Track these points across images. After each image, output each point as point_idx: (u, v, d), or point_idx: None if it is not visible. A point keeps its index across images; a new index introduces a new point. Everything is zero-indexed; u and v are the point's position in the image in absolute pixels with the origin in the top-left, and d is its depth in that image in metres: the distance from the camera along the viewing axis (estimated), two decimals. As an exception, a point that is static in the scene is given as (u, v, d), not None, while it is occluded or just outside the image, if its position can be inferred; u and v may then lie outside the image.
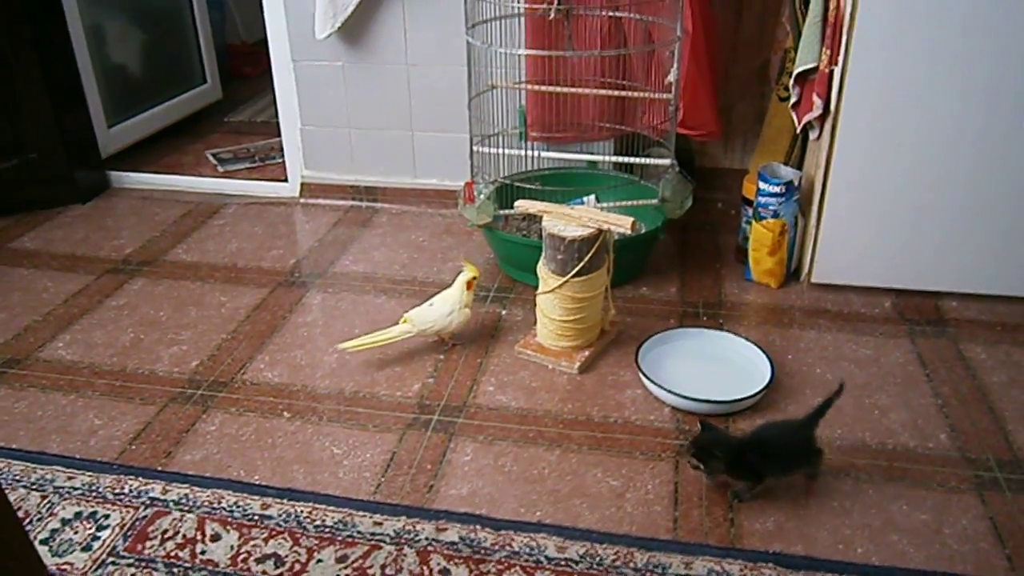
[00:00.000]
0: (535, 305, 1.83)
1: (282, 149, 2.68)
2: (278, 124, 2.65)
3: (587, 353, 1.78)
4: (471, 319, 1.86)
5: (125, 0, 3.00)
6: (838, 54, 1.83)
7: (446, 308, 1.81)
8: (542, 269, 1.76)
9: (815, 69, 1.91)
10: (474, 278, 1.82)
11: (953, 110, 1.80)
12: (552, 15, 2.00)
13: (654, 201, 2.04)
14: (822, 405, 1.45)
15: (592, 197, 2.21)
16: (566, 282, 1.70)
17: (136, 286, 2.16)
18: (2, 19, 2.38)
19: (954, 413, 1.64)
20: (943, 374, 1.75)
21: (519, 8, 2.03)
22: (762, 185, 1.98)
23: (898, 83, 1.80)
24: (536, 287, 1.81)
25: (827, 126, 1.92)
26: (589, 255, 1.68)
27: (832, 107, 1.88)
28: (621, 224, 1.65)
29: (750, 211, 2.07)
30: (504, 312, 1.99)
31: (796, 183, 1.99)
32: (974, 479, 1.47)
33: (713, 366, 1.76)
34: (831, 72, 1.86)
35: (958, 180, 1.87)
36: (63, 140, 2.60)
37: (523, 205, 1.79)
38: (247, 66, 4.02)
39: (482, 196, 1.99)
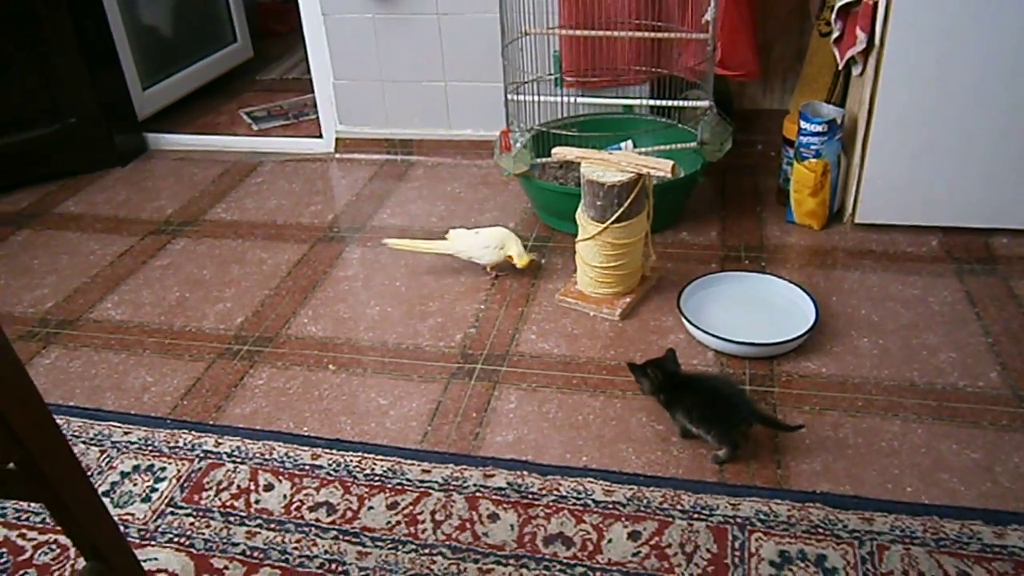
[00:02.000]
0: (574, 253, 1.82)
1: (315, 105, 2.68)
2: (310, 80, 2.65)
3: (628, 299, 1.77)
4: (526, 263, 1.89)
5: (154, -39, 2.99)
6: (882, -15, 1.77)
7: (486, 242, 1.87)
8: (581, 216, 1.75)
9: (858, 1, 1.85)
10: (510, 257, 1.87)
11: (1002, 40, 1.74)
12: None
13: (692, 144, 2.00)
14: (771, 420, 1.42)
15: (629, 142, 2.18)
16: (606, 228, 1.69)
17: (179, 246, 2.19)
18: (35, -15, 2.39)
19: (1005, 351, 1.61)
20: (993, 312, 1.72)
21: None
22: (803, 124, 1.94)
23: (945, 13, 1.74)
24: (575, 235, 1.80)
25: (871, 61, 1.86)
26: (629, 200, 1.66)
27: (876, 41, 1.82)
28: (661, 168, 1.63)
29: (791, 152, 2.03)
30: (543, 261, 1.99)
31: (839, 121, 1.94)
32: (1026, 416, 1.45)
33: (756, 309, 1.75)
34: (875, 3, 1.80)
35: (1006, 113, 1.81)
36: (100, 104, 2.62)
37: (560, 152, 1.78)
38: (276, 23, 4.00)
39: (518, 145, 1.97)
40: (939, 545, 1.22)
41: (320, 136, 2.69)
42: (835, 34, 1.95)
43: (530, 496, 1.35)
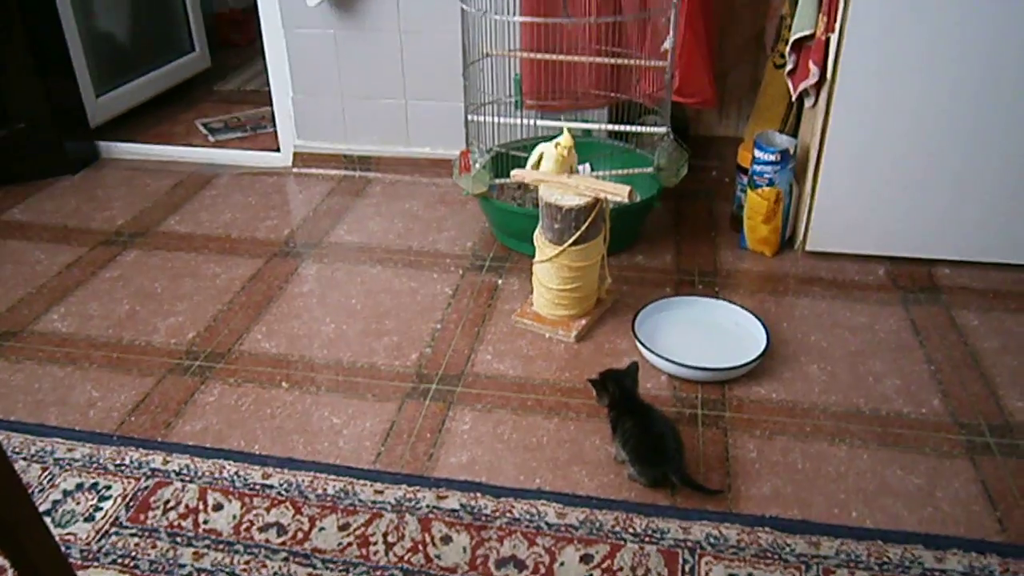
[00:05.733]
0: (531, 274, 1.83)
1: (273, 118, 2.66)
2: (269, 93, 2.63)
3: (584, 322, 1.79)
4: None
5: (111, -34, 2.95)
6: (835, 21, 1.82)
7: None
8: (539, 238, 1.76)
9: (811, 36, 1.90)
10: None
11: (949, 78, 1.80)
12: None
13: (649, 169, 2.03)
14: (693, 484, 1.39)
15: (587, 165, 2.20)
16: (563, 251, 1.71)
17: (129, 257, 2.15)
18: (-14, -13, 2.34)
19: (947, 379, 1.66)
20: (936, 341, 1.77)
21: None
22: (757, 153, 1.98)
23: (895, 50, 1.80)
24: (532, 255, 1.81)
25: (823, 94, 1.91)
26: (586, 224, 1.68)
27: (828, 74, 1.87)
28: (618, 193, 1.65)
29: (745, 179, 2.07)
30: (500, 281, 2.00)
31: (791, 151, 1.99)
32: (966, 444, 1.49)
33: (709, 334, 1.77)
34: (828, 39, 1.85)
35: (952, 148, 1.87)
36: (51, 110, 2.57)
37: (519, 174, 1.79)
38: (235, 34, 3.97)
39: (477, 165, 1.98)
40: (883, 569, 1.25)
41: (278, 150, 2.67)
42: (789, 66, 2.00)
43: (483, 518, 1.35)
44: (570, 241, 1.69)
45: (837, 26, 1.81)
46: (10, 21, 2.40)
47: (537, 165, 1.78)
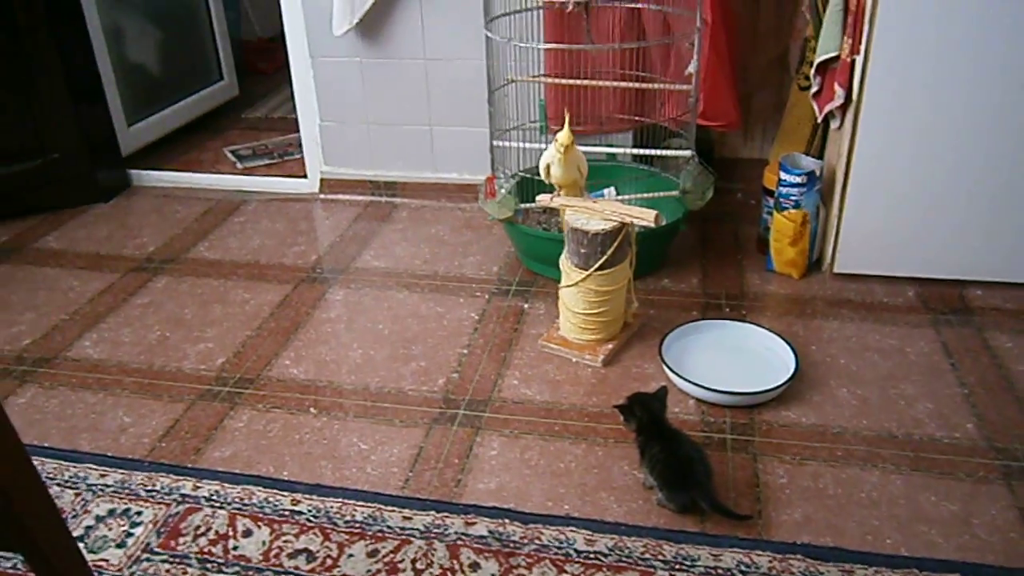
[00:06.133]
0: (557, 298, 1.83)
1: (300, 145, 2.69)
2: (296, 120, 2.66)
3: (610, 346, 1.79)
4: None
5: (143, 1, 3.01)
6: (860, 43, 1.82)
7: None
8: (565, 263, 1.77)
9: (836, 58, 1.90)
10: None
11: (976, 98, 1.79)
12: (571, 8, 1.99)
13: (675, 193, 2.03)
14: (723, 509, 1.37)
15: (611, 189, 2.21)
16: (589, 276, 1.71)
17: (160, 284, 2.18)
18: (24, 21, 2.40)
19: (980, 402, 1.63)
20: (968, 363, 1.75)
21: (538, 1, 2.02)
22: (783, 175, 1.98)
23: (921, 71, 1.79)
24: (558, 280, 1.82)
25: (849, 115, 1.91)
26: (612, 249, 1.68)
27: (854, 96, 1.86)
28: (644, 217, 1.65)
29: (771, 201, 2.07)
30: (526, 306, 2.00)
31: (817, 173, 1.98)
32: (1002, 468, 1.47)
33: (737, 358, 1.76)
34: (853, 61, 1.85)
35: (981, 168, 1.86)
36: (84, 140, 2.62)
37: (544, 199, 1.80)
38: (262, 62, 4.03)
39: (503, 190, 1.99)
40: (918, 598, 1.23)
41: (305, 176, 2.70)
42: (814, 88, 2.00)
43: (511, 545, 1.34)
44: (596, 266, 1.69)
45: (862, 48, 1.81)
46: (47, 53, 2.46)
47: (547, 173, 1.78)
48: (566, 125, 1.69)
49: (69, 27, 2.56)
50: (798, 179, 1.96)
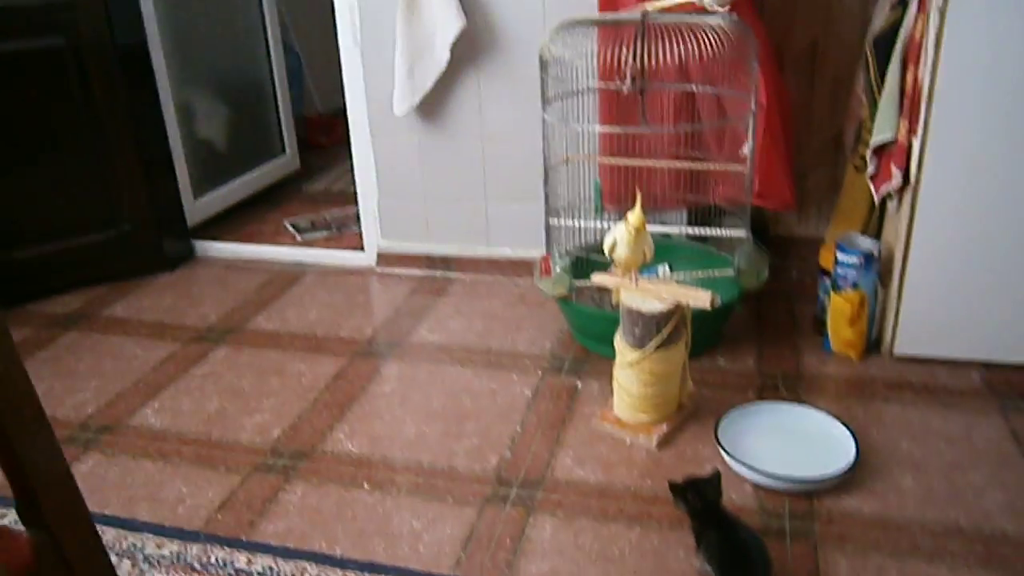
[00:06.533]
0: (611, 376, 1.83)
1: (358, 218, 2.76)
2: (355, 192, 2.73)
3: (665, 427, 1.77)
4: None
5: (213, 78, 3.16)
6: (917, 125, 1.82)
7: None
8: (619, 342, 1.77)
9: (893, 140, 1.90)
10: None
11: (1039, 180, 1.77)
12: (626, 90, 2.03)
13: (730, 272, 2.03)
14: None
15: (665, 267, 2.21)
16: (644, 356, 1.70)
17: (220, 354, 2.23)
18: (102, 98, 2.53)
19: (1054, 495, 1.57)
20: (1039, 453, 1.69)
21: (593, 84, 2.07)
22: (840, 255, 1.96)
23: (979, 153, 1.78)
24: (611, 357, 1.81)
25: (907, 197, 1.89)
26: (667, 329, 1.68)
27: (912, 178, 1.86)
28: (700, 299, 1.65)
29: (828, 281, 2.05)
30: (579, 384, 2.00)
31: (875, 253, 1.97)
32: (1079, 567, 1.40)
33: (795, 442, 1.73)
34: (910, 143, 1.85)
35: (1047, 251, 1.82)
36: (154, 212, 2.73)
37: (600, 280, 1.81)
38: (322, 136, 4.18)
39: (558, 268, 2.01)
40: None
41: (362, 249, 2.76)
42: (871, 170, 2.00)
43: (565, 633, 1.31)
44: (652, 347, 1.69)
45: (920, 131, 1.81)
46: (122, 128, 2.59)
47: (612, 250, 1.78)
48: (638, 207, 1.69)
49: (144, 104, 2.69)
50: (855, 259, 1.94)
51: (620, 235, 1.73)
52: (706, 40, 1.81)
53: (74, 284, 2.68)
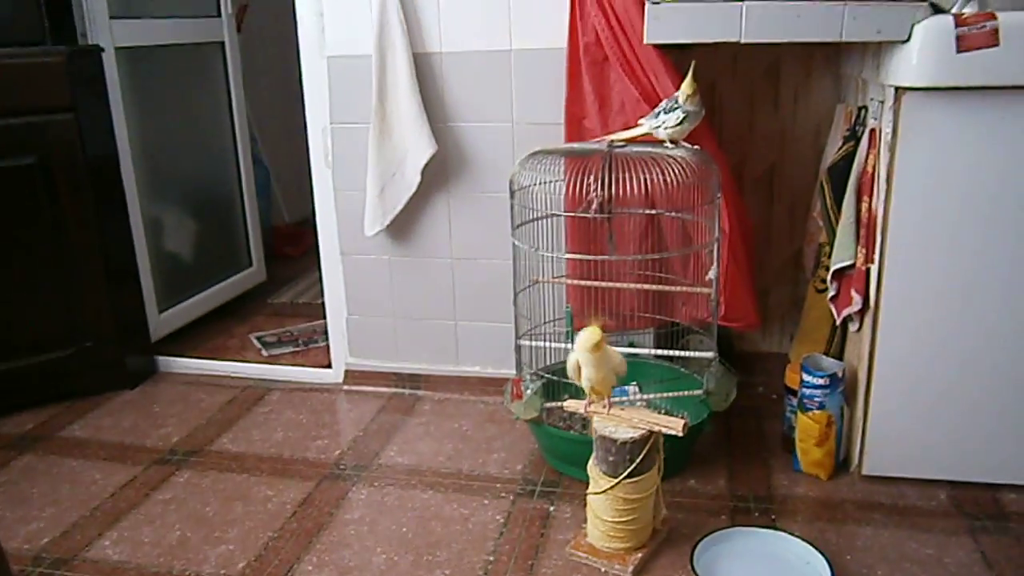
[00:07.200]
0: (584, 500, 1.81)
1: (325, 332, 2.75)
2: (322, 305, 2.73)
3: (640, 555, 1.75)
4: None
5: (182, 190, 3.18)
6: (874, 252, 1.89)
7: None
8: (593, 469, 1.76)
9: (852, 266, 1.96)
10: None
11: (994, 301, 1.83)
12: (592, 217, 2.09)
13: (698, 392, 2.05)
14: None
15: (635, 386, 2.23)
16: (618, 483, 1.70)
17: (183, 478, 2.17)
18: (71, 213, 2.52)
19: (1028, 623, 1.57)
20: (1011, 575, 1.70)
21: (560, 211, 2.12)
22: (806, 377, 2.00)
23: (937, 277, 1.85)
24: (582, 479, 1.80)
25: (867, 319, 1.95)
26: (641, 457, 1.68)
27: (871, 302, 1.92)
28: (672, 427, 1.66)
29: (794, 400, 2.08)
30: (552, 508, 1.97)
31: (840, 374, 2.01)
32: None
33: (771, 568, 1.72)
34: (868, 269, 1.92)
35: (1007, 370, 1.88)
36: (117, 327, 2.69)
37: (572, 406, 1.82)
38: (288, 246, 4.20)
39: (529, 391, 2.02)
40: None
41: (329, 366, 2.74)
42: (831, 293, 2.06)
43: None
44: (625, 474, 1.69)
45: (876, 257, 1.88)
46: (89, 245, 2.57)
47: (578, 372, 1.78)
48: (589, 329, 1.69)
49: (112, 216, 2.68)
50: (821, 381, 1.98)
51: (581, 357, 1.72)
52: (670, 169, 1.88)
53: (31, 403, 2.61)
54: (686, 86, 1.90)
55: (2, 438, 2.42)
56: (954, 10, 1.76)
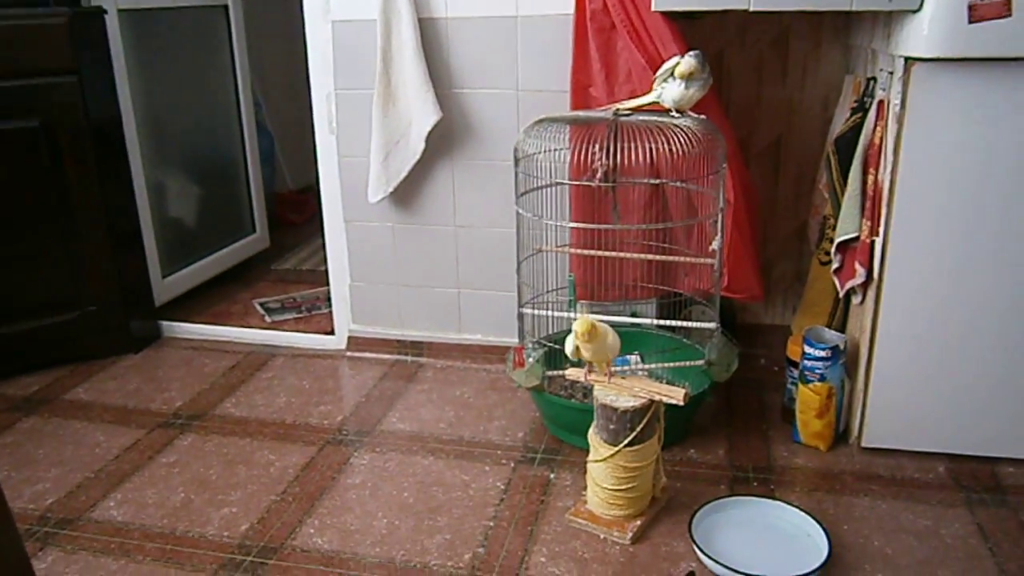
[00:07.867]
0: (584, 468, 1.83)
1: (328, 299, 2.76)
2: (325, 272, 2.73)
3: (639, 522, 1.76)
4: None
5: (186, 156, 3.17)
6: (879, 225, 1.88)
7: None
8: (593, 437, 1.77)
9: (856, 238, 1.96)
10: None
11: (998, 275, 1.83)
12: (596, 185, 2.08)
13: (700, 363, 2.06)
14: None
15: (636, 356, 2.24)
16: (618, 452, 1.71)
17: (186, 442, 2.19)
18: (74, 178, 2.52)
19: (1022, 593, 1.59)
20: (1007, 548, 1.71)
21: (565, 179, 2.12)
22: (807, 349, 2.00)
23: (941, 251, 1.84)
24: (582, 448, 1.81)
25: (871, 292, 1.95)
26: (641, 425, 1.69)
27: (875, 275, 1.91)
28: (673, 396, 1.67)
29: (795, 372, 2.09)
30: (552, 476, 1.99)
31: (841, 347, 2.01)
32: (1051, 670, 1.41)
33: (768, 537, 1.73)
34: (872, 242, 1.91)
35: (1008, 343, 1.88)
36: (121, 292, 2.69)
37: (574, 374, 1.82)
38: (292, 213, 4.19)
39: (531, 360, 2.02)
40: None
41: (332, 333, 2.75)
42: (835, 265, 2.06)
43: None
44: (625, 442, 1.70)
45: (882, 230, 1.87)
46: (93, 210, 2.57)
47: (576, 354, 1.79)
48: (581, 319, 1.68)
49: (116, 181, 2.67)
50: (823, 353, 1.98)
51: (582, 344, 1.74)
52: (676, 139, 1.86)
53: (36, 366, 2.63)
54: (684, 64, 1.87)
55: (8, 400, 2.44)
56: (967, -20, 1.73)
